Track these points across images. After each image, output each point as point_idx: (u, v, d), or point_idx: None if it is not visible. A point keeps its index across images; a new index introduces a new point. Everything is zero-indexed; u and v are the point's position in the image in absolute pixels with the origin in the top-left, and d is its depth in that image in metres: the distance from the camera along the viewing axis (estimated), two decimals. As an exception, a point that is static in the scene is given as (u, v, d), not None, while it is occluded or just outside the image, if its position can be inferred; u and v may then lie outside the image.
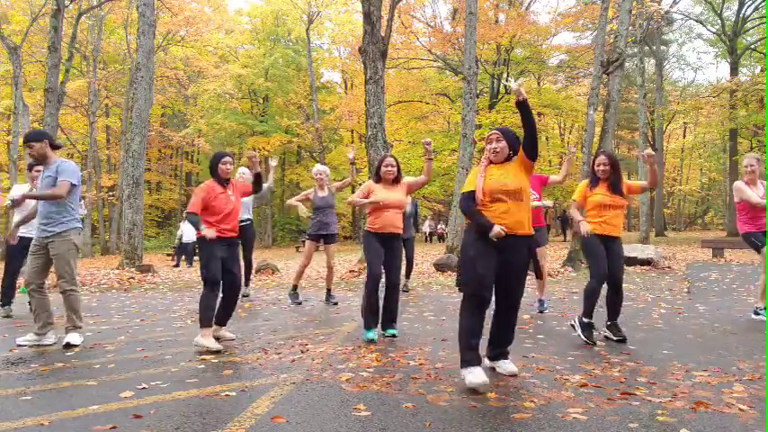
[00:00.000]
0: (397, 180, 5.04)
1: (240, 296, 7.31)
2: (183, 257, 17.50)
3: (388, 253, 4.93)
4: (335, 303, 6.97)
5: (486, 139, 3.62)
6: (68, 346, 4.56)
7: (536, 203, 5.85)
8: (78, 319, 4.71)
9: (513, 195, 3.47)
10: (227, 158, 4.71)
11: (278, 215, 38.44)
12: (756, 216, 5.58)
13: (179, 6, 27.34)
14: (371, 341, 4.67)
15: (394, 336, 4.88)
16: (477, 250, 3.45)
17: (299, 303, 7.06)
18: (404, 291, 8.27)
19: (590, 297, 4.62)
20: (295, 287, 7.20)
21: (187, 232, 16.73)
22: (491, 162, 3.60)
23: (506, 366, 3.63)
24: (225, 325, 4.84)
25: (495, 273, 3.45)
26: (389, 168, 5.00)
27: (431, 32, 28.20)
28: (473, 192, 3.55)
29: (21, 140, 16.39)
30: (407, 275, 8.44)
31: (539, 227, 6.17)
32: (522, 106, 3.41)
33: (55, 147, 4.74)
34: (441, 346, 4.46)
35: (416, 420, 2.79)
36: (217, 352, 4.32)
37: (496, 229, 3.38)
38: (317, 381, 3.50)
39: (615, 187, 4.73)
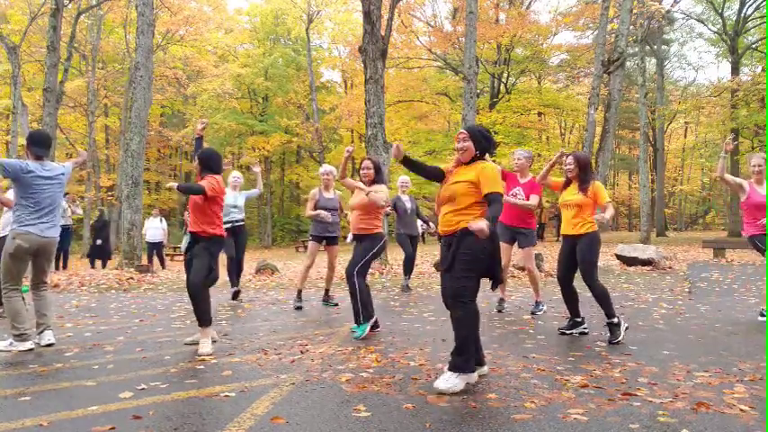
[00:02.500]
0: (374, 182, 5.15)
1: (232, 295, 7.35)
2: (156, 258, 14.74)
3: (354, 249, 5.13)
4: (335, 304, 6.84)
5: (456, 138, 3.58)
6: None
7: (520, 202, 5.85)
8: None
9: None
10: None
11: (278, 215, 38.43)
12: (758, 217, 5.54)
13: (178, 5, 27.29)
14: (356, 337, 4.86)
15: (358, 337, 4.84)
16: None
17: (299, 308, 6.72)
18: (404, 290, 8.26)
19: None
20: (299, 292, 6.79)
21: (150, 231, 14.51)
22: (460, 162, 3.54)
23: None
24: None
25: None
26: (364, 171, 5.18)
27: (431, 32, 28.16)
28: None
29: (21, 140, 16.40)
30: (407, 274, 8.40)
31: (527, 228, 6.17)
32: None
33: (35, 154, 4.53)
34: (441, 347, 4.44)
35: (416, 421, 2.78)
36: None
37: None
38: (316, 381, 3.49)
39: (581, 187, 4.81)
